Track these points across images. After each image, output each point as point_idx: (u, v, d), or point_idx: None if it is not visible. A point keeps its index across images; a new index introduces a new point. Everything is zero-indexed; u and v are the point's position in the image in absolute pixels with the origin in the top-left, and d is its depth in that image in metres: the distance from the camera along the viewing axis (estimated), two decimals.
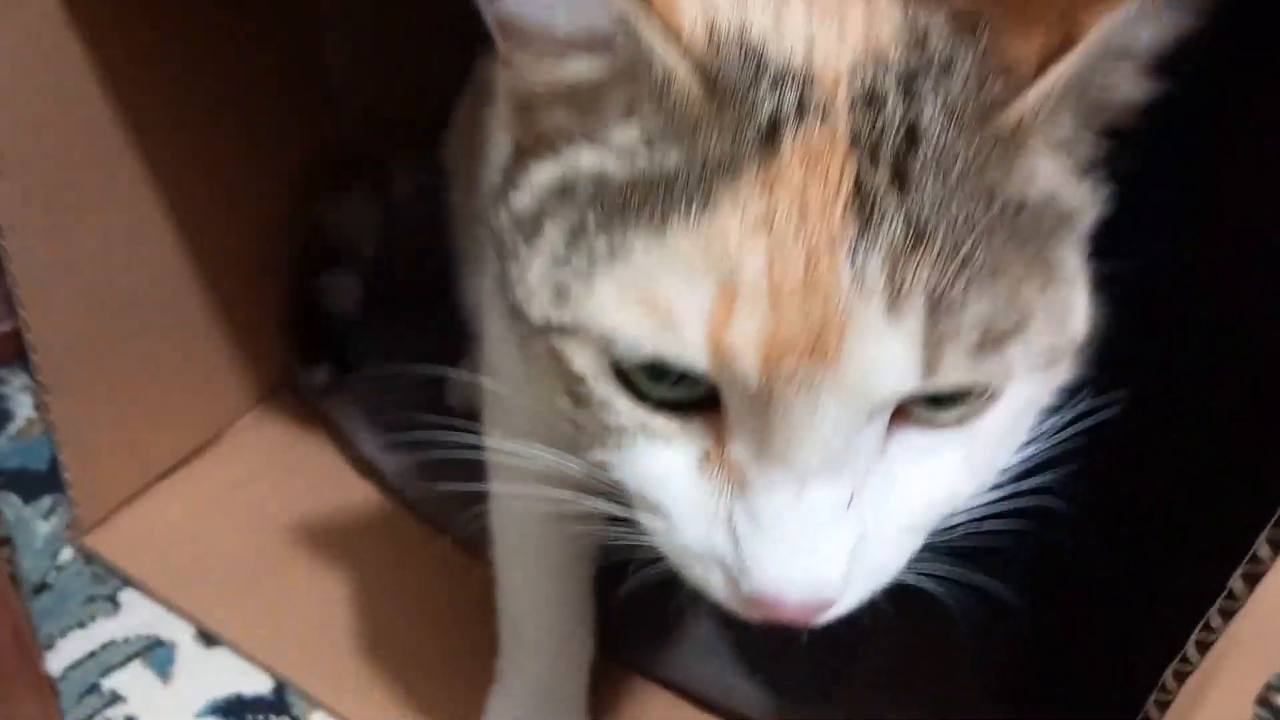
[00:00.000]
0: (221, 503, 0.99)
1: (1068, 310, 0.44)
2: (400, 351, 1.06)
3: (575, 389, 0.45)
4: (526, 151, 0.47)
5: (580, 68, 0.43)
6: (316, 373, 1.03)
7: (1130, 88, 0.44)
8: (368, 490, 1.02)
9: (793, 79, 0.41)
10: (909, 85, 0.41)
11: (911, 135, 0.40)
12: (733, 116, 0.40)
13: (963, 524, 0.48)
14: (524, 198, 0.46)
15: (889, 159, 0.40)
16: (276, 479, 1.02)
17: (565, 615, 0.78)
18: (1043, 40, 0.41)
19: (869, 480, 0.44)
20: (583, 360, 0.44)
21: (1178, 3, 0.40)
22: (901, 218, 0.39)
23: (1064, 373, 0.46)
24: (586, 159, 0.44)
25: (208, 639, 0.89)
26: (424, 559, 0.94)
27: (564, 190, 0.45)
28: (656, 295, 0.41)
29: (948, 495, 0.46)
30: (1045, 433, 0.47)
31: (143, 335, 0.94)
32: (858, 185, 0.40)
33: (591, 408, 0.45)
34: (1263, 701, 0.79)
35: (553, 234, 0.44)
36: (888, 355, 0.40)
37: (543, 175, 0.46)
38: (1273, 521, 0.52)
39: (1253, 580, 0.54)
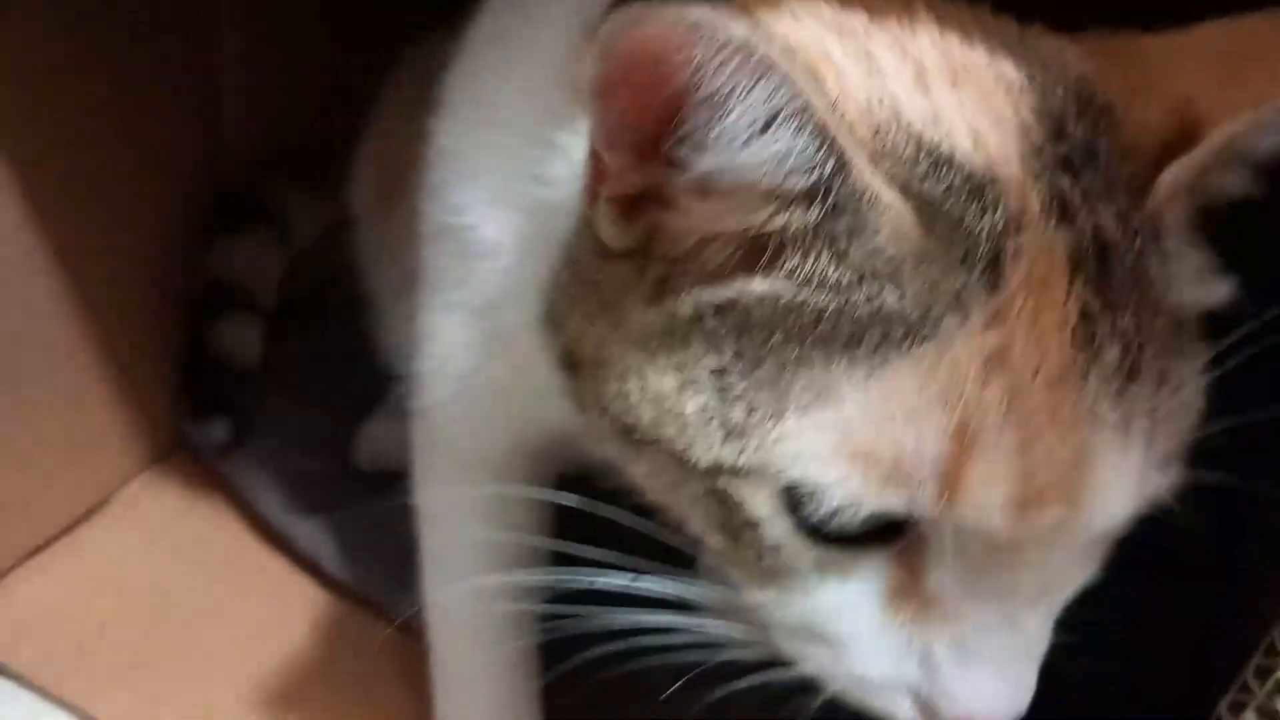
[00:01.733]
0: (107, 578, 0.89)
1: None
2: (305, 406, 0.99)
3: (741, 531, 0.41)
4: (653, 269, 0.42)
5: (777, 218, 0.39)
6: (213, 428, 0.94)
7: (1238, 187, 0.43)
8: (271, 560, 0.92)
9: (989, 191, 0.38)
10: (1077, 184, 0.40)
11: (1103, 247, 0.39)
12: (953, 247, 0.38)
13: None
14: (650, 315, 0.42)
15: (1094, 276, 0.38)
16: (169, 550, 0.92)
17: (507, 683, 0.72)
18: (1161, 128, 0.41)
19: None
20: (759, 504, 0.40)
21: None
22: (1118, 341, 0.38)
23: None
24: (768, 290, 0.39)
25: None
26: (340, 634, 0.86)
27: (725, 314, 0.40)
28: (874, 444, 0.37)
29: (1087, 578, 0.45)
30: None
31: (16, 389, 0.83)
32: (1082, 310, 0.38)
33: (758, 549, 0.41)
34: None
35: (709, 360, 0.40)
36: (1123, 491, 0.39)
37: (697, 297, 0.41)
38: None
39: None
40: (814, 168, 0.37)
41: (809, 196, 0.38)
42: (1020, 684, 0.41)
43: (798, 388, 0.38)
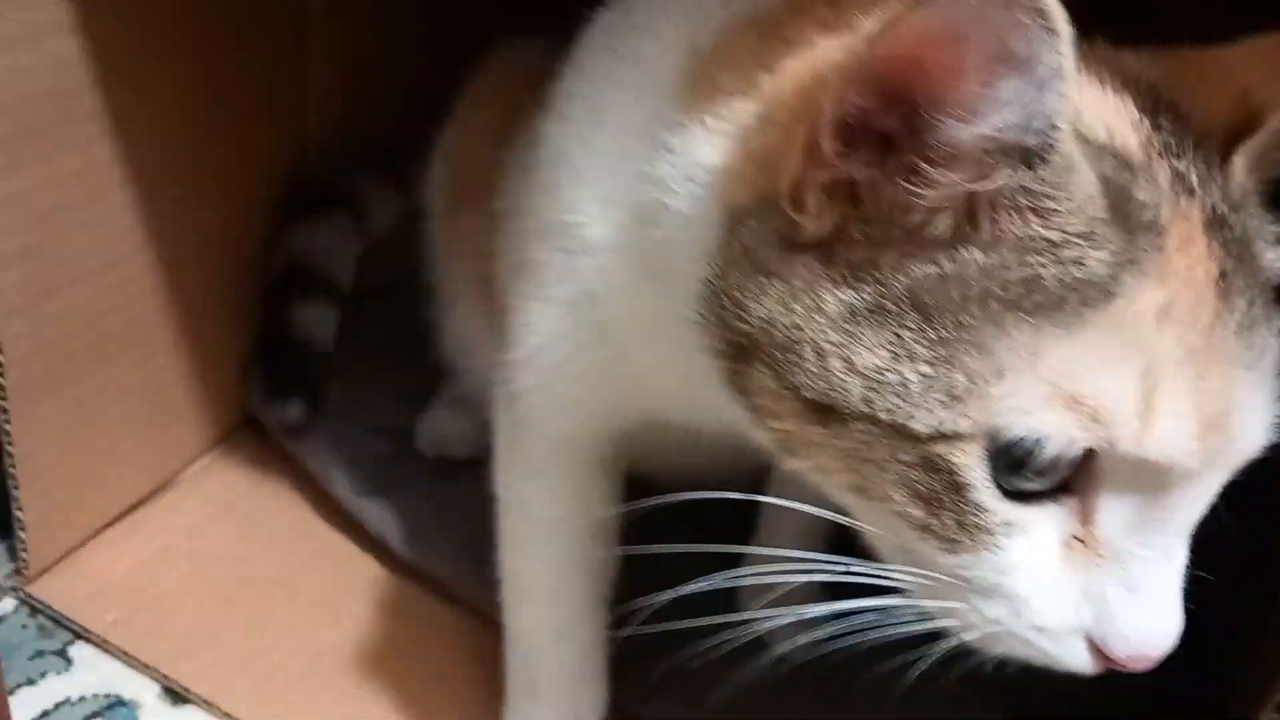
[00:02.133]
0: (180, 550, 0.92)
1: None
2: (376, 389, 1.03)
3: (943, 497, 0.45)
4: (845, 252, 0.45)
5: (1008, 178, 0.42)
6: (288, 408, 0.97)
7: None
8: (335, 538, 0.95)
9: (1137, 170, 0.44)
10: (1189, 166, 0.45)
11: (1217, 215, 0.45)
12: (1127, 215, 0.43)
13: None
14: (851, 295, 0.45)
15: (1221, 240, 0.44)
16: (238, 525, 0.96)
17: (579, 659, 0.75)
18: (1226, 117, 0.47)
19: None
20: (971, 466, 0.44)
21: None
22: (1245, 294, 0.44)
23: None
24: (985, 260, 0.43)
25: (175, 696, 0.81)
26: (407, 612, 0.89)
27: (941, 286, 0.43)
28: (1079, 392, 0.42)
29: None
30: None
31: (106, 364, 0.86)
32: (1220, 268, 0.44)
33: (958, 513, 0.45)
34: None
35: (926, 331, 0.43)
36: (1262, 421, 0.45)
37: (911, 271, 0.44)
38: None
39: None
40: (1050, 129, 0.40)
41: (1035, 157, 0.41)
42: (1178, 613, 0.46)
43: (1012, 349, 0.42)
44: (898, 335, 0.43)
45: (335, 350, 1.03)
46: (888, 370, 0.43)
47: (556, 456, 0.70)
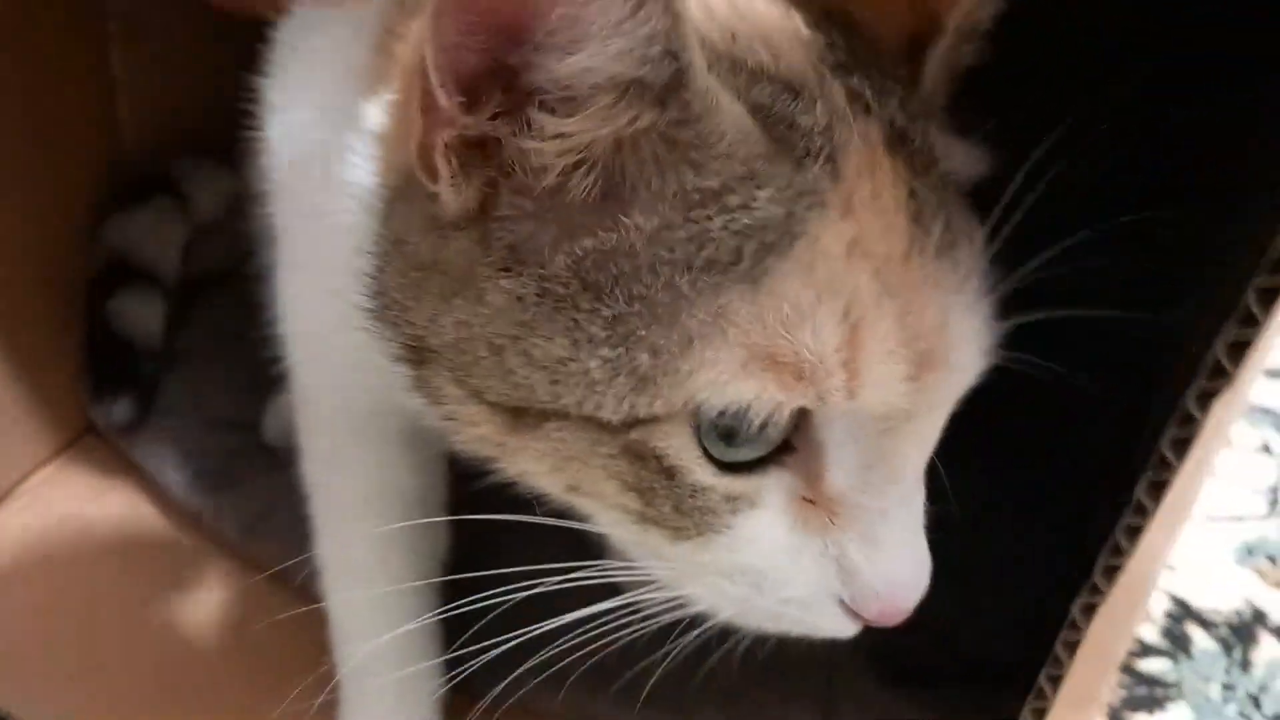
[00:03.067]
0: (14, 564, 0.88)
1: None
2: (211, 382, 0.99)
3: (655, 485, 0.41)
4: (499, 235, 0.41)
5: (635, 119, 0.38)
6: (116, 408, 0.92)
7: (969, 58, 0.47)
8: (178, 535, 0.91)
9: (803, 94, 0.40)
10: (863, 82, 0.42)
11: (900, 133, 0.41)
12: (794, 146, 0.39)
13: None
14: (514, 284, 0.40)
15: (905, 158, 0.41)
16: (80, 533, 0.91)
17: (404, 641, 0.70)
18: (905, 24, 0.44)
19: None
20: (677, 447, 0.40)
21: None
22: (939, 213, 0.40)
23: None
24: (638, 224, 0.39)
25: None
26: (253, 610, 0.85)
27: (605, 261, 0.39)
28: (778, 349, 0.38)
29: None
30: None
31: None
32: (909, 190, 0.40)
33: (674, 499, 0.41)
34: (1126, 669, 0.79)
35: (601, 311, 0.39)
36: (978, 345, 0.42)
37: (571, 250, 0.40)
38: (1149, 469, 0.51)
39: (1134, 533, 0.52)
40: (671, 57, 0.36)
41: (665, 94, 0.37)
42: (925, 557, 0.43)
43: (695, 316, 0.38)
44: (573, 320, 0.40)
45: (169, 341, 0.98)
46: (569, 360, 0.40)
47: (351, 433, 0.66)
